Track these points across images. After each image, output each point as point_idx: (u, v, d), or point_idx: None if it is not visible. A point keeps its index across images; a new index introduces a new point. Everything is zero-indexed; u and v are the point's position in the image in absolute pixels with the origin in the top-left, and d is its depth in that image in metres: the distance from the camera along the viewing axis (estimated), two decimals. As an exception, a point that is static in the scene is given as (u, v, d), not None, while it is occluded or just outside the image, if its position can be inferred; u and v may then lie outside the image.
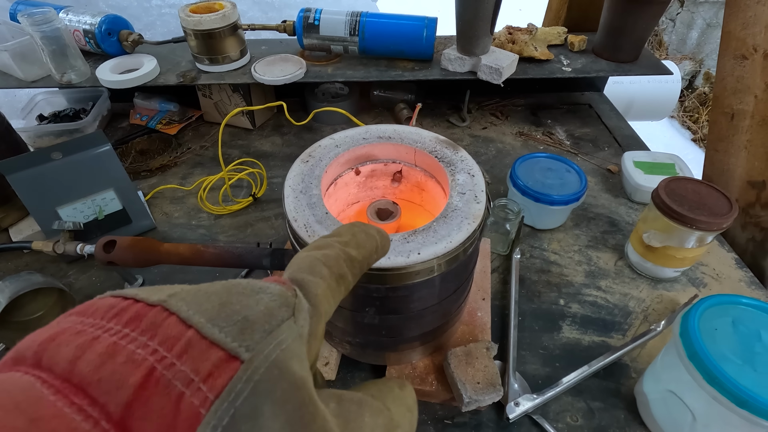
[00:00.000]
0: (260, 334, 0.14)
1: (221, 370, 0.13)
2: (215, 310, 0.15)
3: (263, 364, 0.14)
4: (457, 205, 0.38)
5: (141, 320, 0.14)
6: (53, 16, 0.69)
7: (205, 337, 0.14)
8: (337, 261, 0.20)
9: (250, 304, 0.15)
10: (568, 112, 0.95)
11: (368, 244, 0.22)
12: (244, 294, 0.16)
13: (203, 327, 0.14)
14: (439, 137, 0.45)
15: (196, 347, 0.13)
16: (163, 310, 0.14)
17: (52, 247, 0.55)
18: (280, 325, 0.15)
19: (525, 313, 0.56)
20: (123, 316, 0.14)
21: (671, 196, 0.53)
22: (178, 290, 0.15)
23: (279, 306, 0.16)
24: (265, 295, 0.16)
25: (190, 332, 0.14)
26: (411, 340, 0.44)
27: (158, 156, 0.82)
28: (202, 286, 0.16)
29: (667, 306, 0.57)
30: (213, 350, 0.13)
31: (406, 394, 0.21)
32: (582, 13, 0.92)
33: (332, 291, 0.19)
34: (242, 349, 0.14)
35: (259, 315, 0.15)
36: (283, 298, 0.16)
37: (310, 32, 0.78)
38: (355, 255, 0.21)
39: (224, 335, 0.14)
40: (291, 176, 0.41)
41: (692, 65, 2.52)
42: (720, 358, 0.35)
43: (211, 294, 0.15)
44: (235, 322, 0.14)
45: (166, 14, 1.22)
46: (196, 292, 0.15)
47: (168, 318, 0.14)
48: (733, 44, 0.65)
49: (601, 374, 0.49)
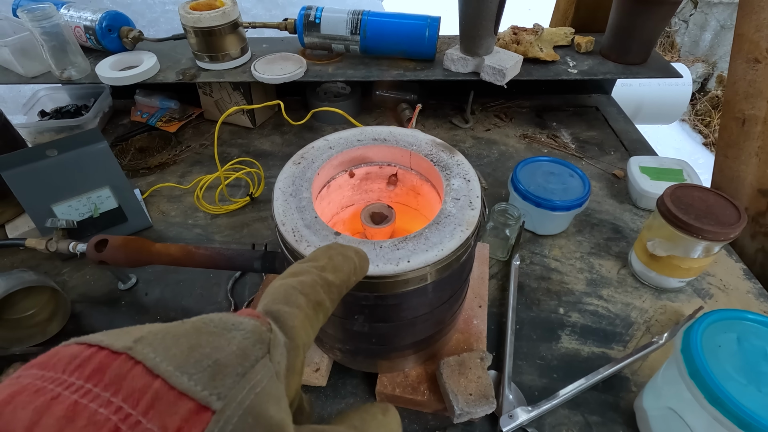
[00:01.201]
0: (232, 378, 0.14)
1: (191, 423, 0.12)
2: (184, 355, 0.14)
3: (236, 412, 0.13)
4: (450, 212, 0.37)
5: (104, 372, 0.13)
6: (53, 12, 0.69)
7: (173, 388, 0.13)
8: (313, 288, 0.20)
9: (222, 345, 0.14)
10: (574, 115, 0.93)
11: (346, 266, 0.22)
12: (214, 334, 0.15)
13: (171, 376, 0.13)
14: (435, 140, 0.44)
15: (163, 400, 0.12)
16: (128, 359, 0.13)
17: (45, 245, 0.54)
18: (254, 366, 0.14)
19: (523, 321, 0.55)
20: (86, 368, 0.13)
21: (677, 204, 0.52)
22: (146, 333, 0.14)
23: (253, 344, 0.15)
24: (238, 333, 0.15)
25: (157, 383, 0.13)
26: (403, 348, 0.42)
27: (158, 153, 0.82)
28: (170, 327, 0.15)
29: (671, 317, 0.55)
30: (182, 401, 0.13)
31: (389, 419, 0.20)
32: (590, 13, 0.90)
33: (310, 320, 0.19)
34: (213, 398, 0.13)
35: (231, 357, 0.14)
36: (256, 334, 0.16)
37: (311, 30, 0.77)
38: (332, 279, 0.21)
39: (194, 383, 0.13)
40: (281, 178, 0.40)
41: (705, 68, 2.47)
42: (723, 376, 0.34)
43: (180, 336, 0.14)
44: (205, 368, 0.13)
45: (170, 11, 1.22)
46: (164, 335, 0.14)
47: (133, 368, 0.13)
48: (745, 47, 0.62)
49: (600, 387, 0.48)
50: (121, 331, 0.15)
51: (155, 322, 0.15)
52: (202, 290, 0.58)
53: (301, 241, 0.34)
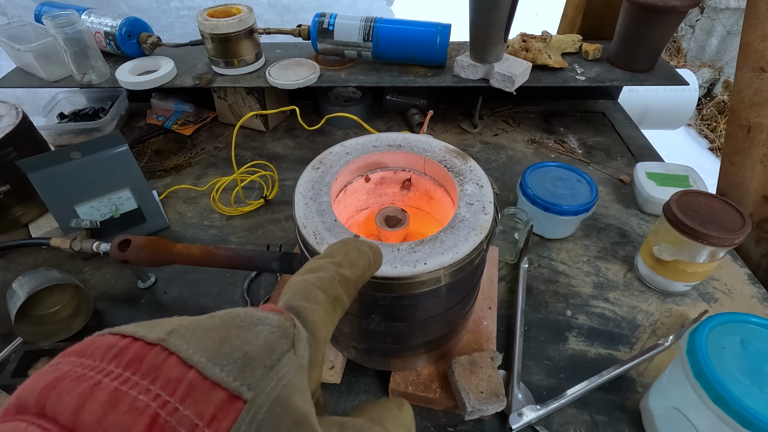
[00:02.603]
0: (261, 370, 0.14)
1: (225, 412, 0.13)
2: (215, 347, 0.14)
3: (266, 402, 0.14)
4: (464, 216, 0.38)
5: (141, 362, 0.14)
6: (76, 19, 0.71)
7: (206, 378, 0.13)
8: (331, 284, 0.20)
9: (250, 339, 0.15)
10: (581, 120, 0.95)
11: (361, 261, 0.23)
12: (242, 328, 0.16)
13: (204, 367, 0.14)
14: (449, 147, 0.46)
15: (198, 389, 0.13)
16: (162, 350, 0.14)
17: (70, 244, 0.56)
18: (280, 359, 0.15)
19: (531, 323, 0.56)
20: (123, 358, 0.14)
21: (683, 210, 0.53)
22: (177, 326, 0.15)
23: (279, 338, 0.16)
24: (264, 327, 0.16)
25: (192, 373, 0.13)
26: (416, 347, 0.44)
27: (173, 156, 0.84)
28: (200, 320, 0.16)
29: (676, 320, 0.56)
30: (215, 391, 0.13)
31: (404, 414, 0.21)
32: (597, 21, 0.92)
33: (329, 315, 0.19)
34: (244, 388, 0.14)
35: (259, 350, 0.15)
36: (282, 329, 0.16)
37: (325, 37, 0.79)
38: (348, 275, 0.21)
39: (225, 374, 0.14)
40: (302, 183, 0.42)
41: (711, 73, 2.47)
42: (727, 377, 0.35)
43: (210, 329, 0.15)
44: (235, 360, 0.14)
45: (185, 16, 1.24)
46: (195, 328, 0.15)
47: (168, 358, 0.14)
48: (751, 56, 0.64)
49: (606, 387, 0.49)
50: (152, 323, 0.15)
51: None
52: (219, 289, 0.60)
53: (321, 243, 0.36)
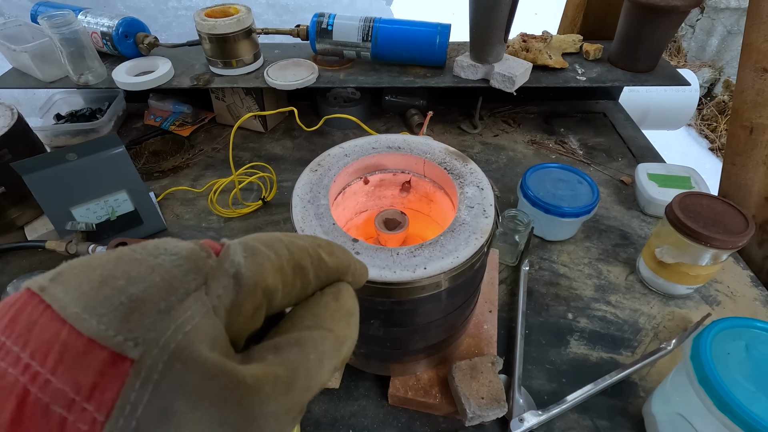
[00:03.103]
0: (152, 317, 0.11)
1: (107, 378, 0.10)
2: (94, 291, 0.11)
3: (160, 358, 0.11)
4: (465, 219, 0.38)
5: (17, 321, 0.11)
6: (72, 19, 0.70)
7: (81, 334, 0.11)
8: (301, 251, 0.17)
9: (142, 275, 0.12)
10: (582, 121, 0.94)
11: (343, 257, 0.20)
12: (136, 262, 0.12)
13: (77, 319, 0.11)
14: (449, 148, 0.45)
15: (72, 351, 0.10)
16: (40, 303, 0.11)
17: (65, 247, 0.56)
18: (183, 300, 0.12)
19: (532, 326, 0.55)
20: (4, 318, 0.11)
21: (686, 212, 0.52)
22: (66, 268, 0.12)
23: (184, 273, 0.13)
24: (167, 258, 0.13)
25: (65, 330, 0.11)
26: (416, 352, 0.43)
27: (171, 157, 0.83)
28: (94, 258, 0.13)
29: (679, 324, 0.55)
30: (94, 351, 0.11)
31: (343, 302, 0.18)
32: (598, 21, 0.91)
33: (284, 276, 0.16)
34: (129, 344, 0.11)
35: (152, 289, 0.12)
36: (191, 260, 0.13)
37: (323, 37, 0.78)
38: (324, 257, 0.18)
39: (104, 327, 0.11)
40: (299, 185, 0.41)
41: (711, 73, 2.47)
42: (732, 383, 0.35)
43: (96, 268, 0.12)
44: (117, 306, 0.11)
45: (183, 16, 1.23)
46: (82, 269, 0.12)
47: (43, 313, 0.11)
48: (754, 56, 0.63)
49: (608, 392, 0.49)
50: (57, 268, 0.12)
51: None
52: (217, 292, 0.59)
53: (320, 247, 0.35)
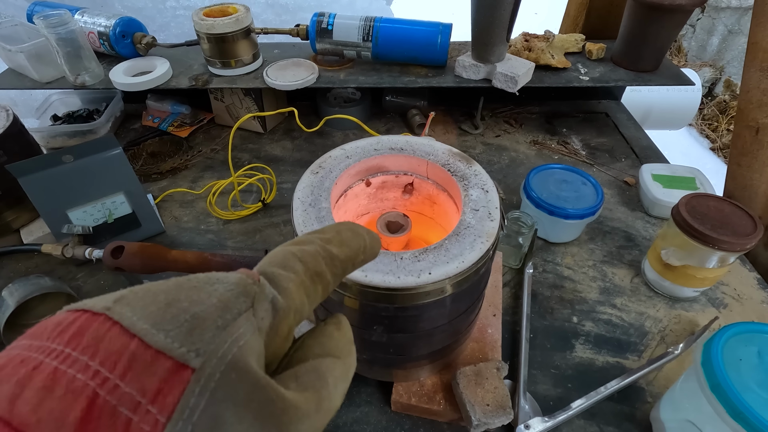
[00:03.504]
0: (212, 332, 0.13)
1: (170, 384, 0.12)
2: (161, 311, 0.13)
3: (218, 368, 0.13)
4: (470, 223, 0.37)
5: (83, 335, 0.12)
6: (68, 19, 0.69)
7: (149, 347, 0.12)
8: (314, 257, 0.19)
9: (201, 299, 0.14)
10: (585, 121, 0.93)
11: (354, 242, 0.21)
12: (195, 288, 0.14)
13: (147, 334, 0.12)
14: (452, 150, 0.44)
15: (140, 360, 0.12)
16: (106, 320, 0.13)
17: (62, 251, 0.55)
18: (236, 319, 0.14)
19: (537, 330, 0.54)
20: (66, 333, 0.12)
21: (692, 214, 0.51)
22: (126, 293, 0.14)
23: (236, 296, 0.15)
24: (221, 286, 0.15)
25: (134, 343, 0.12)
26: (419, 358, 0.42)
27: (169, 158, 0.82)
28: (153, 285, 0.14)
29: (686, 327, 0.55)
30: (159, 361, 0.12)
31: (344, 332, 0.20)
32: (601, 20, 0.90)
33: (306, 289, 0.18)
34: (192, 354, 0.12)
35: (210, 309, 0.14)
36: (241, 286, 0.15)
37: (324, 37, 0.77)
38: (336, 253, 0.20)
39: (170, 340, 0.12)
40: (300, 188, 0.40)
41: (712, 72, 2.46)
42: (744, 390, 0.34)
43: (159, 293, 0.14)
44: (182, 323, 0.13)
45: (181, 15, 1.22)
46: (145, 294, 0.14)
47: (111, 329, 0.12)
48: (759, 56, 0.62)
49: (615, 397, 0.48)
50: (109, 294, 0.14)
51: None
52: (216, 296, 0.58)
53: (321, 251, 0.35)
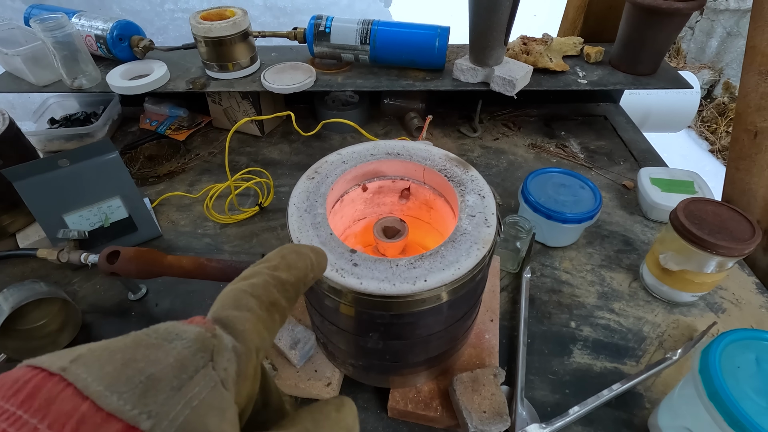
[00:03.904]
0: (166, 393, 0.13)
1: None
2: (117, 372, 0.13)
3: (168, 430, 0.12)
4: (466, 229, 0.37)
5: (36, 397, 0.12)
6: (65, 22, 0.69)
7: (101, 409, 0.12)
8: (265, 288, 0.19)
9: (159, 358, 0.14)
10: (583, 124, 0.93)
11: (300, 263, 0.22)
12: (153, 346, 0.14)
13: (100, 396, 0.12)
14: (449, 155, 0.44)
15: (89, 423, 0.12)
16: (60, 381, 0.13)
17: (57, 255, 0.55)
18: (192, 377, 0.14)
19: (534, 335, 0.54)
20: (21, 394, 0.12)
21: (690, 219, 0.51)
22: (85, 351, 0.14)
23: (193, 353, 0.15)
24: (179, 343, 0.15)
25: (85, 405, 0.12)
26: (416, 364, 0.42)
27: (166, 162, 0.82)
28: (112, 342, 0.14)
29: (684, 332, 0.54)
30: (109, 423, 0.12)
31: (344, 415, 0.20)
32: (599, 23, 0.90)
33: (263, 322, 0.18)
34: (143, 417, 0.12)
35: (166, 370, 0.14)
36: (199, 342, 0.15)
37: (321, 40, 0.77)
38: (286, 278, 0.20)
39: (123, 402, 0.12)
40: (296, 193, 0.40)
41: (711, 74, 2.46)
42: (742, 398, 0.33)
43: (117, 352, 0.14)
44: (137, 384, 0.13)
45: (179, 18, 1.22)
46: (102, 352, 0.14)
47: (64, 390, 0.13)
48: (758, 59, 0.62)
49: (613, 403, 0.47)
50: (69, 350, 0.14)
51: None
52: (212, 301, 0.58)
53: (316, 258, 0.34)
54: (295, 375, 0.46)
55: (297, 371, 0.47)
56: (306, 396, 0.47)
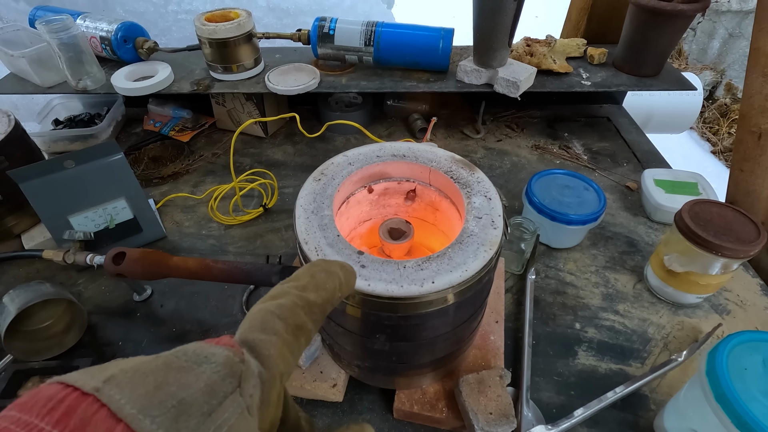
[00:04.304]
0: (197, 419, 0.14)
1: None
2: (149, 395, 0.14)
3: None
4: (473, 231, 0.37)
5: (71, 417, 0.13)
6: (70, 24, 0.69)
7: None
8: (293, 311, 0.19)
9: (189, 382, 0.14)
10: (586, 125, 0.93)
11: (329, 283, 0.22)
12: (184, 369, 0.15)
13: (134, 420, 0.13)
14: (454, 156, 0.44)
15: None
16: (94, 402, 0.13)
17: (63, 257, 0.55)
18: (222, 403, 0.14)
19: (539, 336, 0.54)
20: (56, 412, 0.13)
21: (696, 220, 0.51)
22: (117, 371, 0.14)
23: (222, 378, 0.15)
24: (209, 367, 0.15)
25: (119, 428, 0.13)
26: (422, 366, 0.42)
27: (170, 163, 0.82)
28: (143, 363, 0.15)
29: (689, 334, 0.54)
30: None
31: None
32: (602, 25, 0.90)
33: (289, 346, 0.18)
34: None
35: (197, 395, 0.14)
36: (228, 366, 0.15)
37: (325, 42, 0.77)
38: (314, 299, 0.20)
39: (156, 426, 0.13)
40: (302, 195, 0.40)
41: (713, 75, 2.46)
42: (750, 400, 0.33)
43: (149, 374, 0.14)
44: (169, 409, 0.13)
45: (182, 20, 1.22)
46: (134, 374, 0.14)
47: (98, 411, 0.13)
48: (762, 61, 0.62)
49: (618, 405, 0.47)
50: (99, 368, 0.15)
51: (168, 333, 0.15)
52: (217, 302, 0.58)
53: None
54: (301, 376, 0.46)
55: (302, 372, 0.47)
56: (311, 397, 0.47)
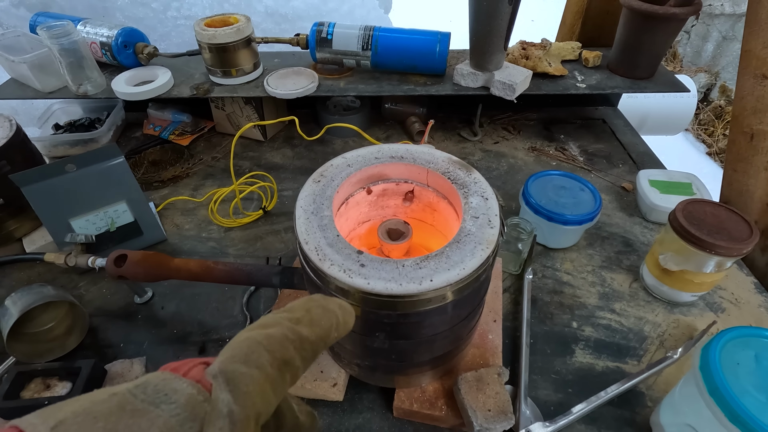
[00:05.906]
0: None
1: None
2: None
3: None
4: (470, 230, 0.37)
5: None
6: (71, 30, 0.70)
7: None
8: (282, 344, 0.18)
9: (142, 428, 0.13)
10: (582, 127, 0.94)
11: (324, 321, 0.20)
12: (138, 413, 0.14)
13: None
14: (452, 158, 0.45)
15: None
16: None
17: (64, 259, 0.55)
18: None
19: (537, 335, 0.55)
20: None
21: (689, 220, 0.52)
22: (69, 415, 0.13)
23: (182, 423, 0.14)
24: (167, 408, 0.14)
25: None
26: (421, 364, 0.43)
27: (170, 167, 0.83)
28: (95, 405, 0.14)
29: (684, 332, 0.55)
30: None
31: None
32: (596, 28, 0.92)
33: (272, 383, 0.17)
34: None
35: None
36: (189, 407, 0.14)
37: (323, 46, 0.78)
38: (306, 335, 0.19)
39: None
40: (302, 196, 0.41)
41: (707, 78, 2.48)
42: (743, 394, 0.34)
43: (99, 419, 0.13)
44: None
45: (182, 25, 1.23)
46: (84, 418, 0.13)
47: None
48: (753, 63, 0.63)
49: (615, 402, 0.48)
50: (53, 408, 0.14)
51: (169, 334, 0.14)
52: (218, 304, 0.59)
53: (324, 259, 0.35)
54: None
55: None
56: (312, 396, 0.47)
